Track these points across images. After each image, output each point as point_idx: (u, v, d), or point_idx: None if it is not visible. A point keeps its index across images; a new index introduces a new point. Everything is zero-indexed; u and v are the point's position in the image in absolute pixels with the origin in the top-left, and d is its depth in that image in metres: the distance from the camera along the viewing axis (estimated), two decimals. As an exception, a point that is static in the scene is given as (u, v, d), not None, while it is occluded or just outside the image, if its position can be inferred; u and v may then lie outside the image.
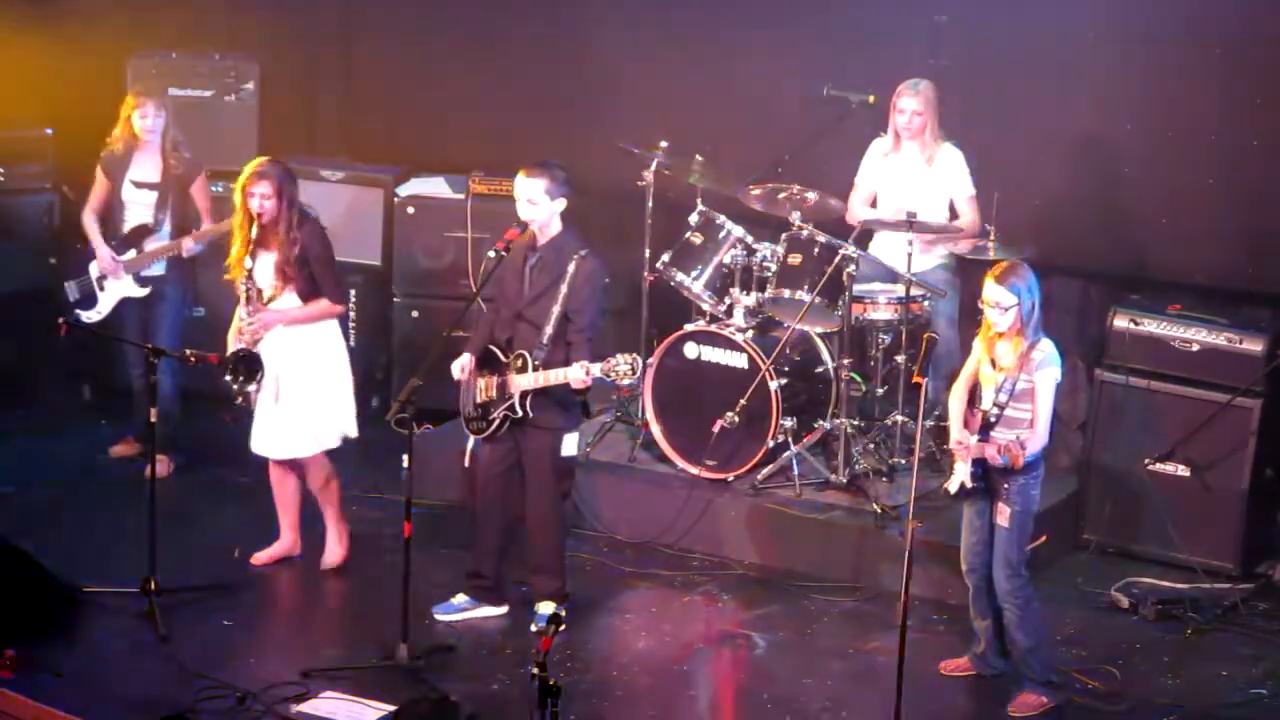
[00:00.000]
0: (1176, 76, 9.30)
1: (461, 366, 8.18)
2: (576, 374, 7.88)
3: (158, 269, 9.61)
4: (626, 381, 7.91)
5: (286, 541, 8.78)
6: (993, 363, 7.50)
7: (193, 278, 9.75)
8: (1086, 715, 7.68)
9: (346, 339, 8.80)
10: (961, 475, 7.50)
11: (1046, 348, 7.44)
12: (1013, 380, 7.38)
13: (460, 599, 8.36)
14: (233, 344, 8.46)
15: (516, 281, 8.14)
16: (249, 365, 8.35)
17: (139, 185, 9.56)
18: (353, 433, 8.62)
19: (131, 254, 9.58)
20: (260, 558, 8.74)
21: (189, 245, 9.53)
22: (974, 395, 7.65)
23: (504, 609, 8.35)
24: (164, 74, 10.54)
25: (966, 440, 7.47)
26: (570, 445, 8.19)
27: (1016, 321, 7.37)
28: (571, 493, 8.53)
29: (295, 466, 8.62)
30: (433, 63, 10.94)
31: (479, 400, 8.18)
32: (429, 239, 10.42)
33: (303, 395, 8.43)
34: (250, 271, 8.37)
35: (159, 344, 9.22)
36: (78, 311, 9.59)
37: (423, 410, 7.82)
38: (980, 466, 7.47)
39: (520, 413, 8.06)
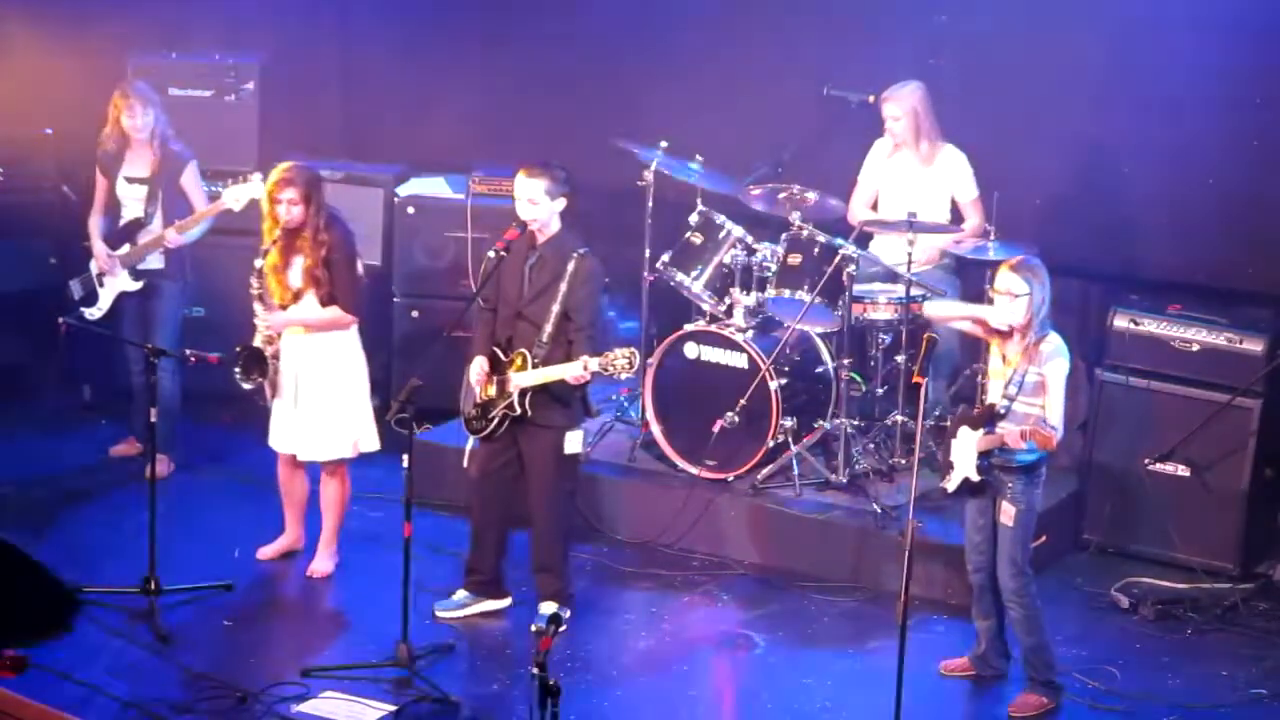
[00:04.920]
0: (1176, 76, 9.30)
1: (481, 372, 8.16)
2: (574, 369, 7.88)
3: (154, 262, 9.60)
4: (625, 376, 7.91)
5: (291, 536, 8.80)
6: (1003, 358, 7.51)
7: (190, 272, 9.74)
8: (1086, 715, 7.69)
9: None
10: (964, 471, 7.49)
11: (1055, 340, 7.45)
12: (1022, 373, 7.39)
13: (460, 595, 8.37)
14: (258, 341, 8.47)
15: (516, 281, 8.14)
16: (257, 363, 8.36)
17: (131, 180, 9.57)
18: (375, 445, 8.59)
19: (125, 249, 9.58)
20: (266, 552, 8.76)
21: (173, 237, 9.48)
22: (967, 397, 7.67)
23: (506, 601, 8.36)
24: (164, 74, 10.53)
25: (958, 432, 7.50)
26: (574, 442, 8.19)
27: (1026, 313, 7.38)
28: (576, 491, 8.53)
29: (309, 466, 8.62)
30: (433, 63, 10.94)
31: (479, 400, 8.18)
32: (429, 239, 10.41)
33: (331, 399, 8.42)
34: (261, 271, 8.37)
35: (158, 340, 9.27)
36: (81, 309, 9.60)
37: (423, 410, 7.82)
38: (985, 460, 7.47)
39: (519, 410, 8.06)
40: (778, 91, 9.97)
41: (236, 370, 8.40)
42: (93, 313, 9.62)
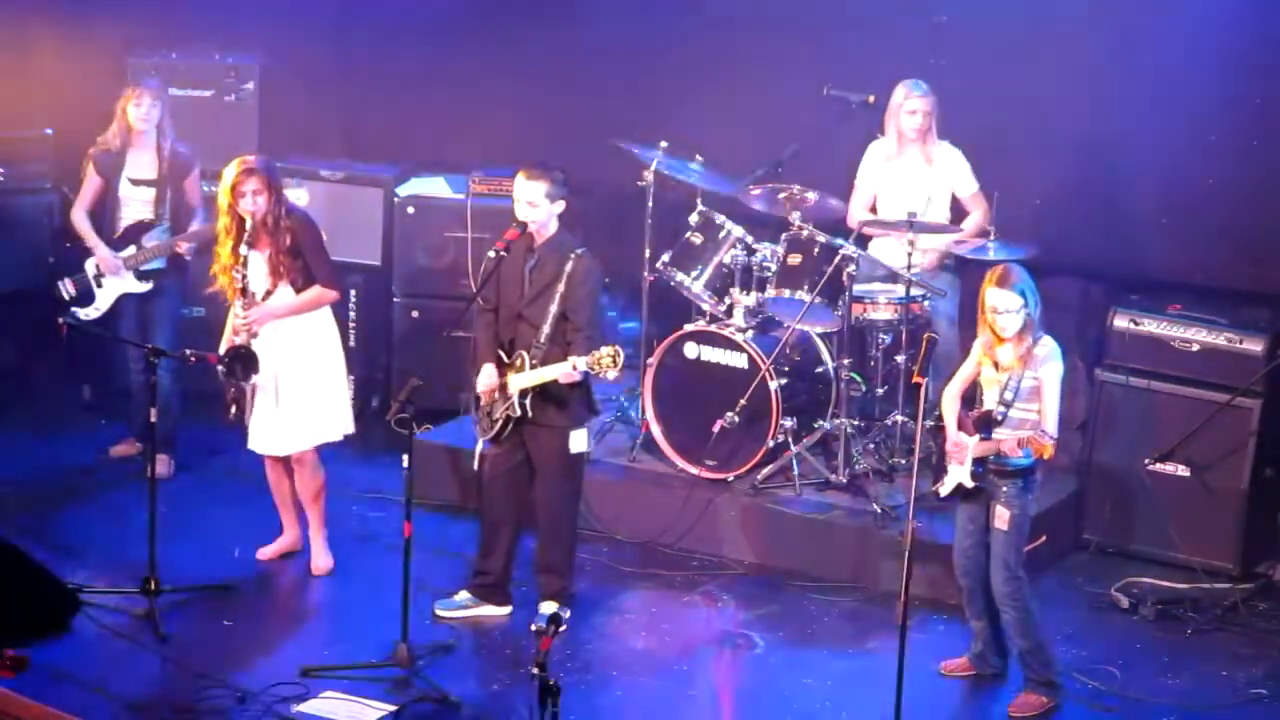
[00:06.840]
0: (1176, 76, 9.30)
1: (489, 380, 8.16)
2: (564, 369, 7.90)
3: (158, 263, 9.61)
4: (612, 374, 7.88)
5: (290, 536, 8.80)
6: (995, 365, 7.49)
7: (190, 273, 9.74)
8: (1086, 715, 7.69)
9: (345, 339, 8.79)
10: (959, 477, 7.49)
11: (1049, 344, 7.45)
12: (1017, 379, 7.38)
13: (463, 596, 8.36)
14: (228, 343, 8.45)
15: (517, 282, 8.14)
16: (246, 362, 8.35)
17: (136, 182, 9.56)
18: (349, 429, 8.61)
19: (130, 250, 9.58)
20: (265, 553, 8.76)
21: (186, 248, 9.55)
22: (967, 399, 7.66)
23: (506, 610, 8.34)
24: (164, 74, 10.52)
25: (964, 442, 7.46)
26: (579, 441, 8.19)
27: (1024, 322, 7.37)
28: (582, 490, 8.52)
29: (290, 462, 8.63)
30: (433, 63, 10.93)
31: (485, 402, 8.19)
32: (429, 239, 10.41)
33: (299, 391, 8.42)
34: (244, 265, 8.36)
35: (158, 340, 9.26)
36: (74, 309, 9.59)
37: (423, 410, 7.82)
38: (980, 466, 7.46)
39: (520, 411, 8.06)
40: (778, 91, 9.96)
41: (221, 372, 8.37)
42: (89, 313, 9.60)
